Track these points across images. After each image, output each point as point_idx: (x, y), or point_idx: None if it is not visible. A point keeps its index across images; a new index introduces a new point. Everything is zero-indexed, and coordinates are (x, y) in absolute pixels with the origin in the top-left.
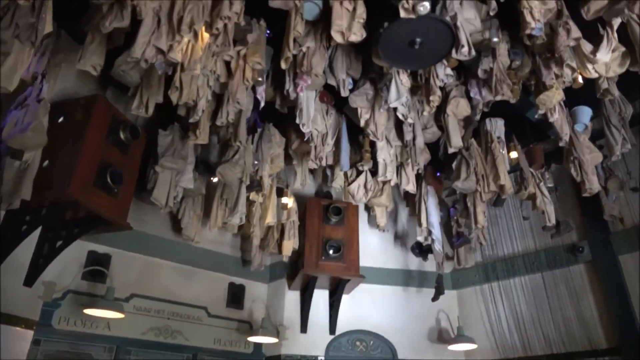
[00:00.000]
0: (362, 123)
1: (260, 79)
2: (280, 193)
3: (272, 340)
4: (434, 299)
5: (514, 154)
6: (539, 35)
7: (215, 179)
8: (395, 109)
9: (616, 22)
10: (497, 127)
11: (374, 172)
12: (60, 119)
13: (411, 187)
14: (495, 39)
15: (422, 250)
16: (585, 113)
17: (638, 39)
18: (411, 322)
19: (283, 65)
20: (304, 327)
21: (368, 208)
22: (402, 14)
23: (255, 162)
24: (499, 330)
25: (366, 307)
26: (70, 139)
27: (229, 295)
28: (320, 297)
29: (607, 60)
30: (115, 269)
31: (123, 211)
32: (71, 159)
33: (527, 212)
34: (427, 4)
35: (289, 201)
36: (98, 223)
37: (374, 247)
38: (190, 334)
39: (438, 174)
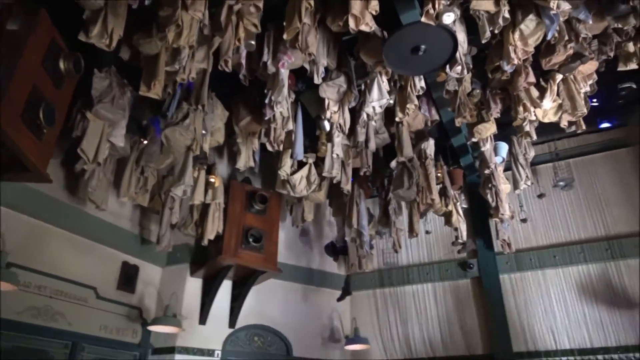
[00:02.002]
0: (327, 114)
1: (252, 42)
2: (208, 171)
3: (173, 330)
4: (340, 299)
5: (439, 173)
6: (505, 72)
7: (145, 141)
8: (354, 109)
9: (558, 77)
10: (429, 145)
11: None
12: None
13: (349, 187)
14: (470, 65)
15: (336, 251)
16: (503, 148)
17: (572, 94)
18: (308, 321)
19: (286, 36)
20: (203, 319)
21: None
22: (423, 19)
23: (204, 132)
24: (386, 332)
25: (266, 302)
26: None
27: (121, 276)
28: (222, 288)
29: (548, 108)
30: None
31: (46, 158)
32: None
33: (431, 227)
34: (452, 14)
35: (216, 180)
36: (13, 168)
37: (279, 242)
38: (74, 317)
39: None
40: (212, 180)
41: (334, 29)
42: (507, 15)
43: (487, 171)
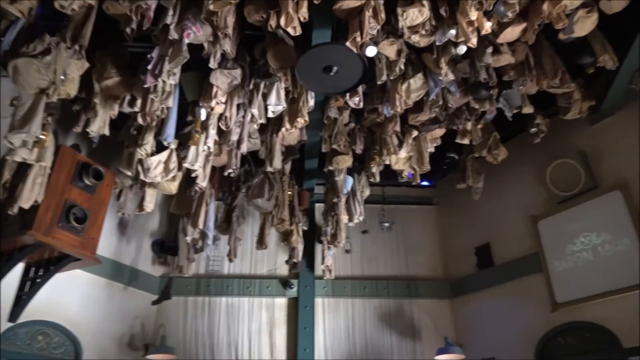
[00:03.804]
0: (212, 103)
1: None
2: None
3: None
4: (156, 302)
5: (290, 191)
6: (380, 115)
7: None
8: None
9: (414, 133)
10: (288, 164)
11: None
12: None
13: (204, 184)
14: None
15: (164, 250)
16: (350, 182)
17: (422, 150)
18: (107, 323)
19: (213, 7)
20: None
21: None
22: (348, 44)
23: (62, 78)
24: (192, 344)
25: (62, 295)
26: None
27: None
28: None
29: (401, 157)
30: None
31: None
32: None
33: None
34: (375, 49)
35: (47, 139)
36: None
37: None
38: None
39: None
40: (42, 137)
41: (251, 18)
42: (402, 67)
43: (334, 200)
